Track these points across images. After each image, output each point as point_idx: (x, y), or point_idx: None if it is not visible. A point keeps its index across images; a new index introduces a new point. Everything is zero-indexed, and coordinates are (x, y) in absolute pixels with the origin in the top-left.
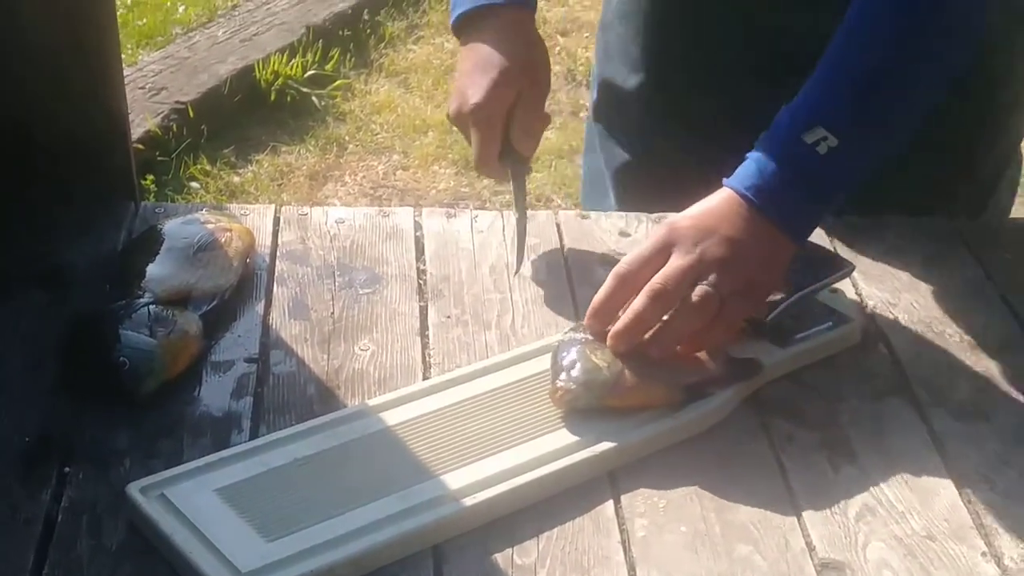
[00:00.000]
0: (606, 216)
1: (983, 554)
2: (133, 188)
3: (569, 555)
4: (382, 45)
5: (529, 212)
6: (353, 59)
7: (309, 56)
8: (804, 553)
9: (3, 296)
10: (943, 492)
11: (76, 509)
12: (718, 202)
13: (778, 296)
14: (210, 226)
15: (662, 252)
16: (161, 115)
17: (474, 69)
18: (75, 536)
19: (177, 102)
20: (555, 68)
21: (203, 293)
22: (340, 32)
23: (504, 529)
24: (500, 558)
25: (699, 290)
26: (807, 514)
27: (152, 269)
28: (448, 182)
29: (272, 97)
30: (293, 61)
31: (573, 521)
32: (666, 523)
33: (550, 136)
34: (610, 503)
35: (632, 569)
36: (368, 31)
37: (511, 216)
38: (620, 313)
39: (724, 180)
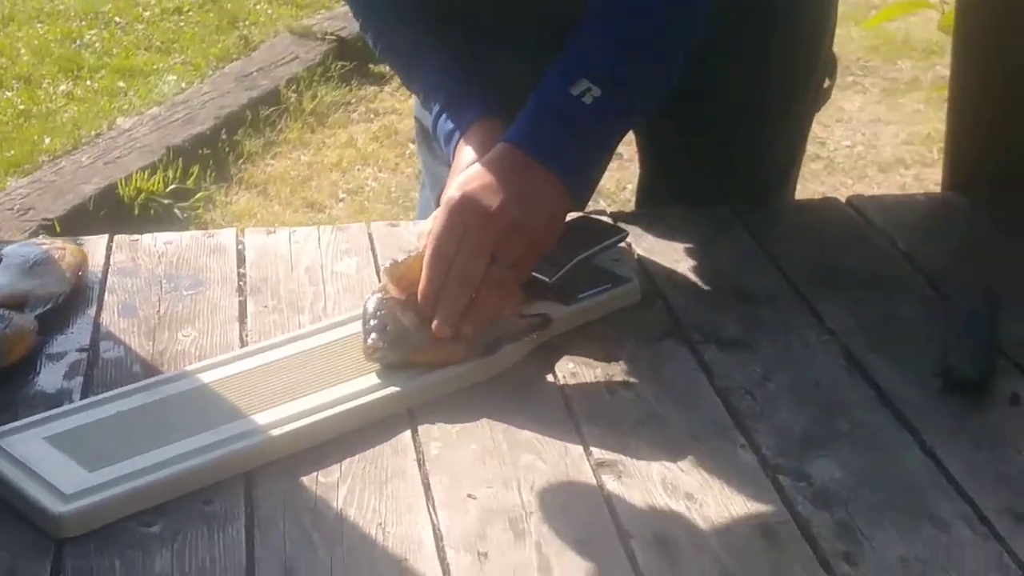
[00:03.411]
0: (414, 224)
1: (742, 446)
2: None
3: (369, 472)
4: (240, 161)
5: (343, 225)
6: (213, 175)
7: (170, 172)
8: (582, 457)
9: None
10: (709, 405)
11: None
12: (498, 157)
13: (560, 261)
14: (44, 246)
15: (459, 222)
16: (28, 232)
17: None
18: None
19: (44, 219)
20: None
21: (38, 298)
22: (200, 151)
23: (311, 458)
24: (306, 479)
25: (497, 272)
26: (586, 428)
27: None
28: None
29: (136, 211)
30: (154, 177)
31: (373, 448)
32: (458, 443)
33: None
34: (408, 432)
35: (426, 479)
36: (227, 149)
37: (326, 231)
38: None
39: (502, 136)
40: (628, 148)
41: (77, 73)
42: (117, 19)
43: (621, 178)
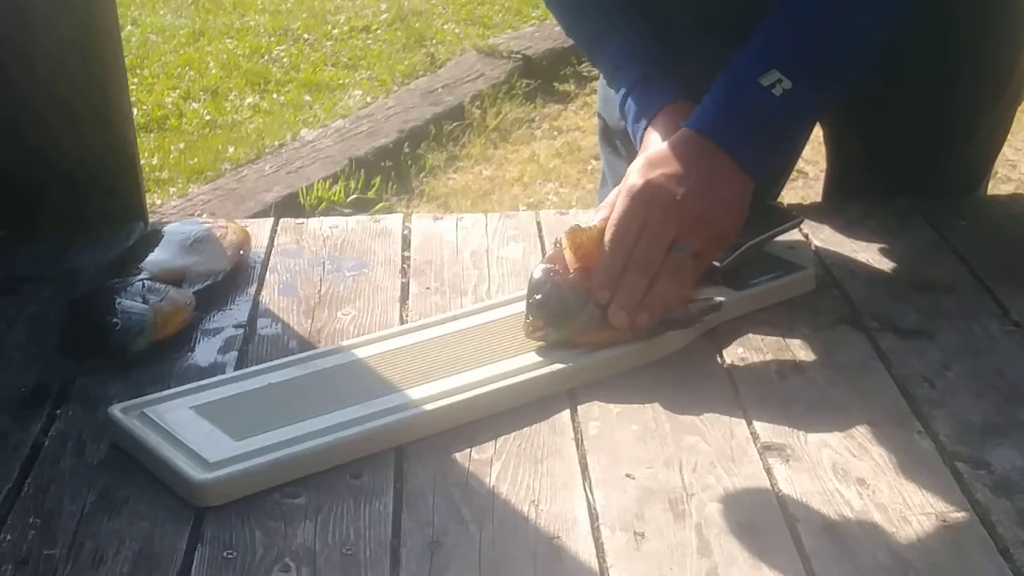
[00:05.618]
0: (583, 211)
1: (919, 432)
2: (143, 208)
3: (524, 450)
4: (422, 174)
5: (512, 212)
6: (395, 186)
7: (352, 183)
8: (748, 440)
9: (15, 291)
10: (885, 392)
11: (62, 437)
12: (682, 143)
13: (732, 246)
14: (206, 225)
15: (642, 209)
16: None
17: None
18: (59, 456)
19: None
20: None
21: (197, 274)
22: (382, 163)
23: (465, 434)
24: (458, 456)
25: (676, 259)
26: (753, 411)
27: (150, 256)
28: None
29: None
30: (336, 187)
31: (530, 426)
32: (618, 424)
33: None
34: (567, 411)
35: (583, 458)
36: (409, 162)
37: (494, 218)
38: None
39: (683, 123)
40: (814, 167)
41: (264, 87)
42: (306, 36)
43: (806, 195)
